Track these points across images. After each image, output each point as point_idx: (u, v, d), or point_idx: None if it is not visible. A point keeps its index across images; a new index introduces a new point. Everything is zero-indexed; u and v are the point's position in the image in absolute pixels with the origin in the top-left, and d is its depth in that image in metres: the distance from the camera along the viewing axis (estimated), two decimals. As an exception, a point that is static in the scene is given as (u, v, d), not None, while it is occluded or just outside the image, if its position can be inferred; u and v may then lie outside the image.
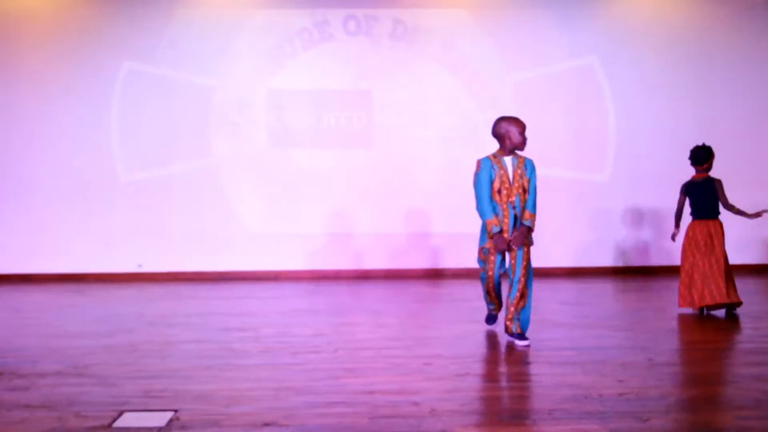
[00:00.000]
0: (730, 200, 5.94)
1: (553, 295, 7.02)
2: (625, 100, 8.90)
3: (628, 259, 8.91)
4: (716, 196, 5.90)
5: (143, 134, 8.67)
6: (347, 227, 8.78)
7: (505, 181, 4.64)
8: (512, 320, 4.70)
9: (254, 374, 4.01)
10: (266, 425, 3.11)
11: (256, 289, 7.89)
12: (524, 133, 4.70)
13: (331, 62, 8.78)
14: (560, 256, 8.75)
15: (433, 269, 8.85)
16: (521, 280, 4.66)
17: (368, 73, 8.80)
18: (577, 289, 7.69)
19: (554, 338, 4.91)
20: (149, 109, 8.68)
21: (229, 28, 8.74)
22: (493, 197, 4.65)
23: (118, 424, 3.15)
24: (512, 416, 3.28)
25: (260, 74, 8.76)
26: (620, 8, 8.98)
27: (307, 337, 5.06)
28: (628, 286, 7.91)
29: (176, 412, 3.30)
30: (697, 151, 5.98)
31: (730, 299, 5.81)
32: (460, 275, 8.55)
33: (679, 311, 6.00)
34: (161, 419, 3.19)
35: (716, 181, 5.92)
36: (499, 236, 4.62)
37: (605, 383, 3.72)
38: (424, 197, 8.77)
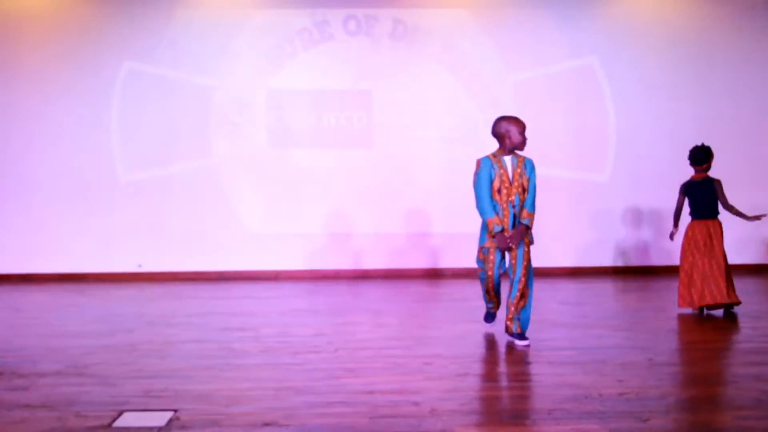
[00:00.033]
0: (729, 200, 5.95)
1: (553, 294, 7.02)
2: (625, 100, 8.90)
3: (627, 258, 8.92)
4: (715, 196, 5.91)
5: (143, 134, 8.68)
6: (347, 227, 8.78)
7: (505, 180, 4.64)
8: (512, 320, 4.70)
9: (254, 374, 4.01)
10: (266, 425, 3.11)
11: (256, 289, 7.89)
12: (524, 132, 4.70)
13: (331, 62, 8.79)
14: (560, 256, 8.76)
15: (433, 269, 8.85)
16: (521, 279, 4.66)
17: (368, 73, 8.80)
18: (577, 289, 7.69)
19: (554, 338, 4.91)
20: (149, 109, 8.68)
21: (229, 28, 8.74)
22: (493, 196, 4.65)
23: (118, 423, 3.15)
24: (512, 416, 3.28)
25: (260, 74, 8.76)
26: (620, 8, 8.98)
27: (307, 337, 5.06)
28: (628, 286, 7.91)
29: (176, 411, 3.30)
30: (696, 151, 5.97)
31: (729, 299, 5.81)
32: (460, 275, 8.55)
33: (679, 311, 6.00)
34: (161, 419, 3.19)
35: (716, 181, 5.92)
36: (500, 235, 4.62)
37: (605, 383, 3.72)
38: (424, 197, 8.77)
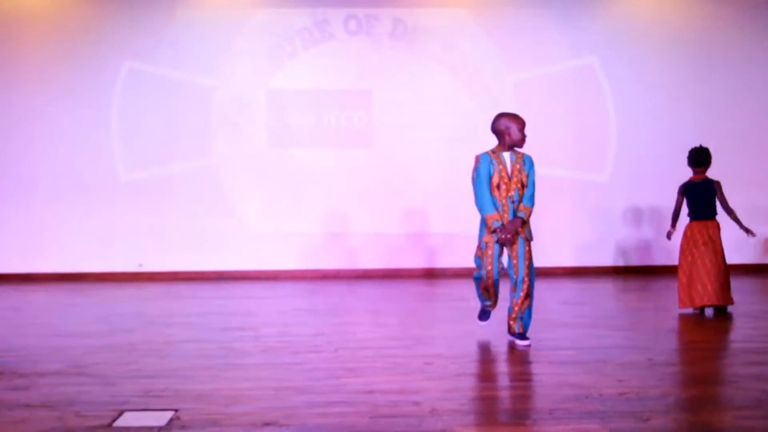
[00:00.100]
0: (729, 201, 5.95)
1: (553, 294, 7.01)
2: (625, 100, 8.90)
3: (628, 258, 8.92)
4: (714, 197, 5.90)
5: (143, 134, 8.67)
6: (347, 227, 8.78)
7: (504, 176, 4.62)
8: (515, 319, 4.68)
9: (254, 374, 4.01)
10: (266, 425, 3.11)
11: (255, 288, 7.89)
12: (524, 129, 4.69)
13: (331, 62, 8.78)
14: (561, 255, 8.75)
15: (432, 269, 8.85)
16: (525, 279, 4.63)
17: (368, 72, 8.80)
18: (577, 288, 7.69)
19: (555, 338, 4.91)
20: (149, 109, 8.68)
21: (229, 28, 8.74)
22: (492, 192, 4.62)
23: (118, 423, 3.15)
24: (513, 416, 3.28)
25: (260, 74, 8.76)
26: (620, 8, 8.98)
27: (307, 336, 5.06)
28: (628, 285, 7.91)
29: (176, 411, 3.30)
30: (696, 152, 5.96)
31: (724, 301, 5.82)
32: (460, 275, 8.54)
33: (679, 311, 6.00)
34: (161, 419, 3.19)
35: (715, 182, 5.92)
36: (501, 229, 4.59)
37: (606, 383, 3.72)
38: (424, 197, 8.77)
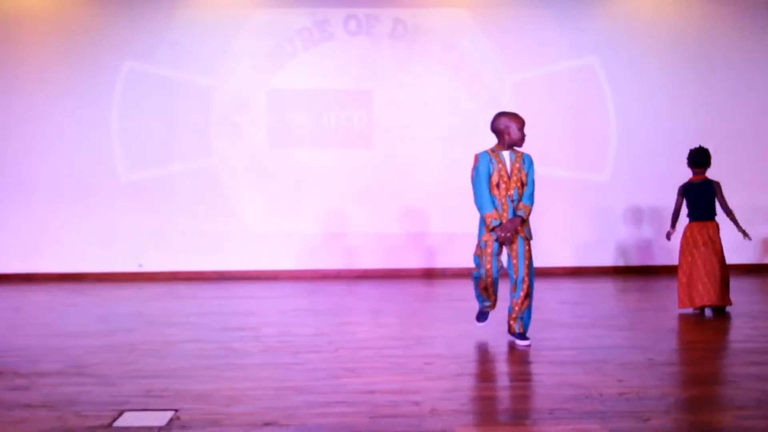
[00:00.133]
0: (729, 201, 5.95)
1: (553, 294, 7.01)
2: (625, 100, 8.90)
3: (628, 258, 8.92)
4: (714, 198, 5.90)
5: (143, 134, 8.67)
6: (347, 227, 8.78)
7: (503, 174, 4.62)
8: (516, 319, 4.68)
9: (254, 374, 4.01)
10: (266, 425, 3.11)
11: (255, 288, 7.89)
12: (523, 129, 4.69)
13: (331, 62, 8.78)
14: (561, 255, 8.75)
15: (432, 269, 8.85)
16: (525, 279, 4.63)
17: (368, 72, 8.80)
18: (577, 288, 7.69)
19: (555, 338, 4.90)
20: (149, 109, 8.68)
21: (229, 28, 8.74)
22: (491, 191, 4.62)
23: (118, 423, 3.15)
24: (513, 416, 3.28)
25: (260, 74, 8.76)
26: (620, 8, 8.98)
27: (307, 336, 5.06)
28: (628, 285, 7.91)
29: (176, 411, 3.30)
30: (695, 153, 5.96)
31: (722, 302, 5.82)
32: (460, 275, 8.53)
33: (679, 311, 6.00)
34: (161, 419, 3.19)
35: (716, 183, 5.91)
36: (499, 228, 4.59)
37: (606, 383, 3.72)
38: (424, 197, 8.77)
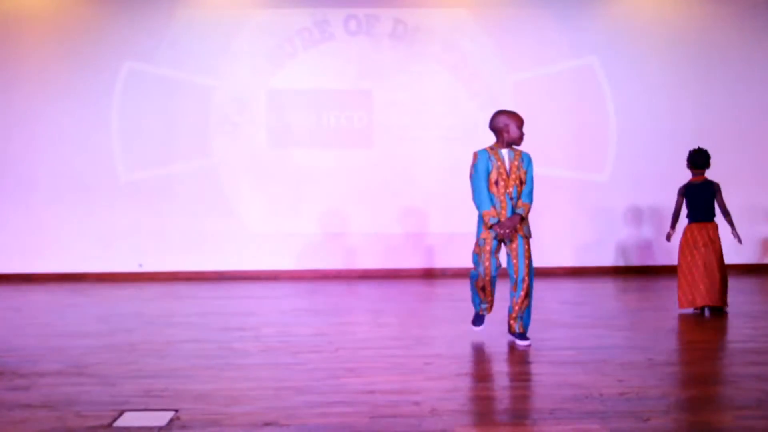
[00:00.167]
0: (728, 202, 5.95)
1: (554, 294, 7.01)
2: (625, 100, 8.90)
3: (628, 258, 8.92)
4: (714, 199, 5.90)
5: (143, 134, 8.67)
6: (347, 227, 8.78)
7: (502, 172, 4.61)
8: (516, 319, 4.68)
9: (254, 374, 4.01)
10: (267, 425, 3.11)
11: (255, 288, 7.89)
12: (522, 127, 4.69)
13: (331, 62, 8.78)
14: (561, 255, 8.75)
15: (432, 269, 8.85)
16: (525, 279, 4.63)
17: (369, 72, 8.80)
18: (577, 288, 7.69)
19: (555, 338, 4.91)
20: (149, 109, 8.68)
21: (229, 28, 8.74)
22: (490, 189, 4.61)
23: (118, 423, 3.15)
24: (513, 416, 3.28)
25: (260, 74, 8.76)
26: (620, 8, 8.98)
27: (307, 336, 5.06)
28: (628, 285, 7.91)
29: (176, 411, 3.30)
30: (695, 154, 5.95)
31: (723, 302, 5.82)
32: (460, 275, 8.53)
33: (679, 311, 6.00)
34: (162, 419, 3.19)
35: (715, 184, 5.92)
36: (498, 225, 4.59)
37: (606, 383, 3.72)
38: (424, 197, 8.77)
